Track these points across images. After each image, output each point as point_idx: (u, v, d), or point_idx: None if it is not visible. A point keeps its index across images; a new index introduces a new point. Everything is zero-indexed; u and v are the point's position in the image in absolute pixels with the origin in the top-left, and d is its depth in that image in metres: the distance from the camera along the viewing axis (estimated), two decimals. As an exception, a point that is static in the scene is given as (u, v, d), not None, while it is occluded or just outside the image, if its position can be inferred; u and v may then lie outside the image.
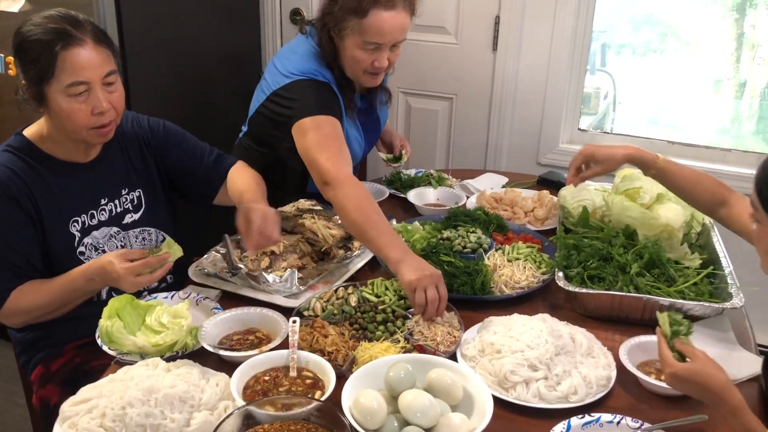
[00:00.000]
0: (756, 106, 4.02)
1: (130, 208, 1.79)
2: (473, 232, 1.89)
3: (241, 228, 1.68)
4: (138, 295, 1.59)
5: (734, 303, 1.54)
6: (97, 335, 1.46)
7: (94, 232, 1.71)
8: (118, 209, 1.77)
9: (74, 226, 1.68)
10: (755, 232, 1.25)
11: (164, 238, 1.83)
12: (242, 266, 1.74)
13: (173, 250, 1.59)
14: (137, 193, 1.81)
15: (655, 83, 4.20)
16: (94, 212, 1.72)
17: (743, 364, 1.45)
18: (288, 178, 2.25)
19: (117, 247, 1.75)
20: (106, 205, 1.74)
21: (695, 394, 1.24)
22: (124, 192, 1.78)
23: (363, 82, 2.06)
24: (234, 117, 2.45)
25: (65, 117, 1.56)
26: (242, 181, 1.87)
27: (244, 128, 2.27)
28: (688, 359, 1.24)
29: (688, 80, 4.14)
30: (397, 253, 1.59)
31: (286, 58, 2.08)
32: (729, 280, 1.62)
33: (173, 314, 1.51)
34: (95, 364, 1.59)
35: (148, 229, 1.83)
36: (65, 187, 1.67)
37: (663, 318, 1.31)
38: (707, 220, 1.91)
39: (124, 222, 1.78)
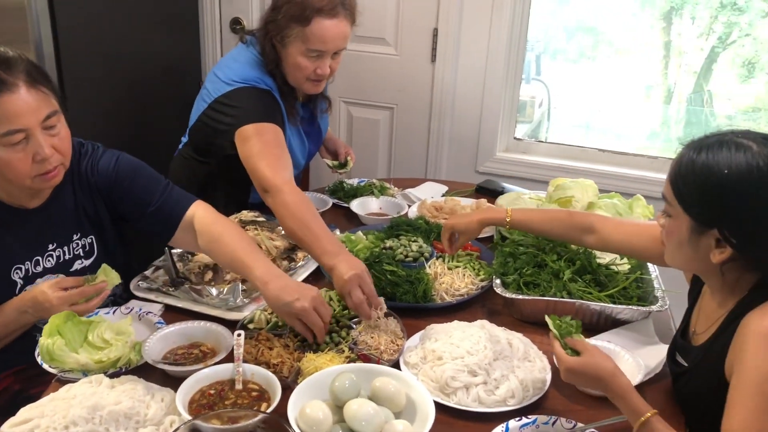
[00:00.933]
0: (683, 112, 4.21)
1: (81, 255, 1.69)
2: (415, 241, 1.94)
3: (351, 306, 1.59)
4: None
5: (660, 306, 1.64)
6: (36, 353, 1.44)
7: (38, 280, 1.62)
8: (67, 255, 1.66)
9: (17, 273, 1.59)
10: (667, 228, 1.31)
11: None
12: (185, 280, 1.74)
13: (110, 278, 1.54)
14: (89, 239, 1.70)
15: (588, 90, 4.36)
16: (40, 258, 1.62)
17: (659, 356, 1.55)
18: (230, 188, 2.26)
19: None
20: (54, 250, 1.64)
21: (589, 385, 1.35)
22: (75, 237, 1.68)
23: (305, 89, 2.10)
24: (173, 128, 2.44)
25: (4, 167, 1.45)
26: (240, 246, 1.59)
27: (184, 139, 2.27)
28: (581, 354, 1.31)
29: (619, 86, 4.30)
30: (329, 258, 1.64)
31: (227, 66, 2.10)
32: (655, 284, 1.72)
33: (116, 330, 1.50)
34: (34, 392, 1.53)
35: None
36: (9, 233, 1.57)
37: (551, 321, 1.38)
38: (635, 226, 2.01)
39: (73, 269, 1.68)
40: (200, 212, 1.68)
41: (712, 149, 1.21)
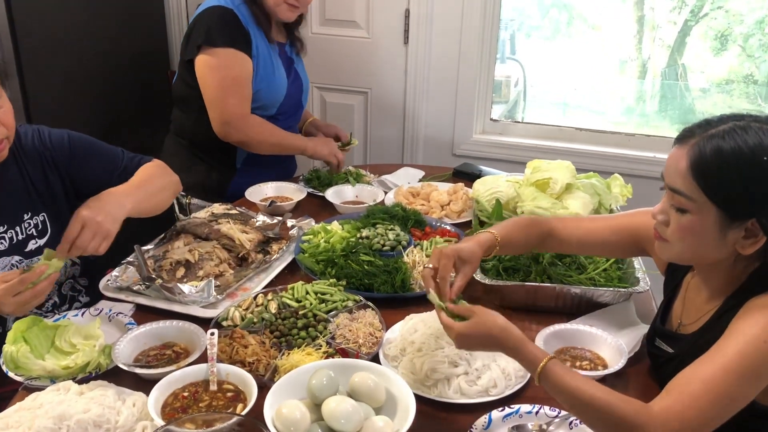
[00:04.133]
0: (658, 86, 4.20)
1: (34, 234, 1.66)
2: (392, 229, 1.90)
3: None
4: (44, 314, 1.51)
5: (641, 287, 1.62)
6: (0, 362, 1.39)
7: None
8: (20, 236, 1.64)
9: None
10: (680, 224, 1.20)
11: (74, 263, 1.74)
12: (156, 278, 1.69)
13: (52, 262, 1.47)
14: (41, 217, 1.68)
15: (563, 67, 4.33)
16: None
17: (640, 336, 1.53)
18: (217, 153, 2.31)
19: None
20: (5, 232, 1.61)
21: (483, 347, 1.28)
22: (26, 216, 1.65)
23: (280, 12, 2.13)
24: (143, 118, 2.37)
25: None
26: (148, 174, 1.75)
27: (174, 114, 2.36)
28: (469, 318, 1.27)
29: (594, 63, 4.28)
30: (307, 140, 2.30)
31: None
32: (636, 265, 1.70)
33: (84, 333, 1.45)
34: (2, 391, 1.50)
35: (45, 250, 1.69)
36: None
37: (432, 297, 1.33)
38: (614, 206, 1.99)
39: (27, 249, 1.65)
40: (146, 164, 1.77)
41: (734, 135, 1.12)
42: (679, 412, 1.09)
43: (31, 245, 1.66)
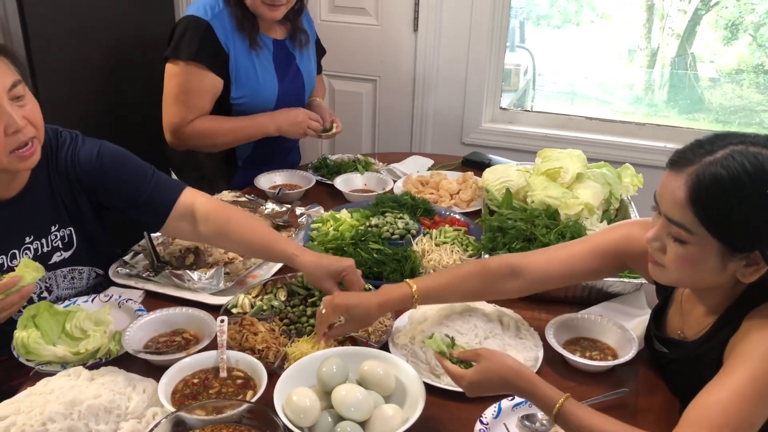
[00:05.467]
0: (667, 75, 4.17)
1: (60, 246, 1.61)
2: (401, 218, 1.90)
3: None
4: (55, 300, 1.51)
5: (651, 277, 1.61)
6: (12, 347, 1.39)
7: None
8: (45, 248, 1.59)
9: None
10: (679, 254, 1.15)
11: (96, 275, 1.71)
12: (165, 265, 1.69)
13: (27, 272, 1.36)
14: (68, 231, 1.62)
15: (572, 56, 4.30)
16: (16, 252, 1.54)
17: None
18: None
19: (41, 288, 1.60)
20: (31, 243, 1.56)
21: (497, 390, 1.22)
22: (53, 228, 1.59)
23: (261, 13, 2.08)
24: (150, 106, 2.36)
25: None
26: (255, 226, 1.64)
27: None
28: (474, 363, 1.23)
29: (603, 52, 4.25)
30: (268, 122, 2.15)
31: None
32: (646, 255, 1.68)
33: (94, 319, 1.45)
34: (15, 383, 1.47)
35: (78, 267, 1.66)
36: None
37: (431, 342, 1.29)
38: (624, 196, 1.97)
39: (52, 261, 1.60)
40: (200, 199, 1.63)
41: (733, 162, 1.06)
42: None
43: (56, 257, 1.62)
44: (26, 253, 1.56)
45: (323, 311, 1.41)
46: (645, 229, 1.29)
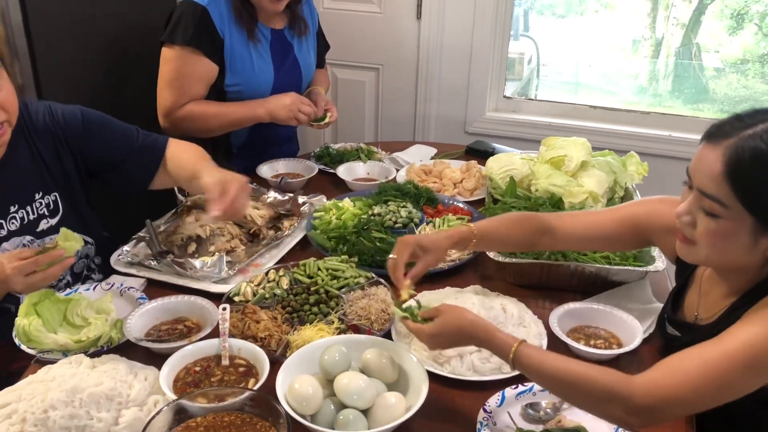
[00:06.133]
0: (672, 65, 4.14)
1: (46, 213, 1.63)
2: (404, 206, 1.89)
3: (212, 194, 1.54)
4: (56, 288, 1.51)
5: (657, 266, 1.59)
6: (13, 334, 1.38)
7: (4, 244, 1.56)
8: (32, 216, 1.61)
9: None
10: (711, 229, 1.12)
11: (85, 243, 1.70)
12: (167, 253, 1.68)
13: (69, 245, 1.43)
14: (53, 197, 1.64)
15: (576, 45, 4.27)
16: (3, 222, 1.56)
17: (655, 316, 1.51)
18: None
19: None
20: (16, 212, 1.58)
21: (456, 343, 1.26)
22: (37, 196, 1.62)
23: (263, 5, 2.06)
24: (152, 91, 2.35)
25: None
26: (186, 154, 1.74)
27: None
28: (436, 317, 1.25)
29: (608, 41, 4.22)
30: (258, 106, 2.08)
31: None
32: (651, 244, 1.67)
33: (96, 307, 1.45)
34: (16, 367, 1.49)
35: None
36: None
37: (396, 311, 1.31)
38: (630, 184, 1.96)
39: (39, 229, 1.62)
40: (173, 146, 1.76)
41: None
42: (667, 385, 1.07)
43: (43, 225, 1.63)
44: (13, 223, 1.58)
45: (393, 256, 1.40)
46: (670, 206, 1.28)
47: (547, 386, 1.18)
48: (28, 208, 1.61)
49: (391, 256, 1.41)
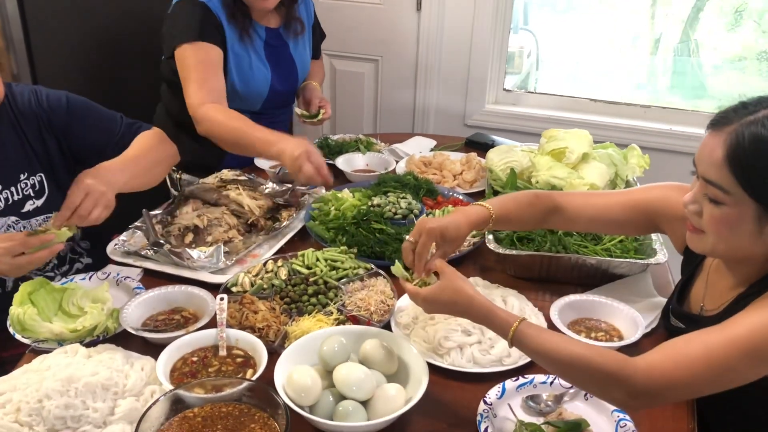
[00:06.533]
0: (670, 62, 4.13)
1: (31, 194, 1.62)
2: (403, 197, 1.87)
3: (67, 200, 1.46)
4: (43, 274, 1.48)
5: (658, 258, 1.58)
6: (7, 323, 1.37)
7: None
8: (17, 196, 1.60)
9: None
10: (716, 216, 1.12)
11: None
12: (164, 242, 1.66)
13: (61, 231, 1.43)
14: (38, 178, 1.63)
15: (576, 41, 4.26)
16: None
17: (658, 310, 1.50)
18: None
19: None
20: (0, 193, 1.57)
21: (450, 312, 1.24)
22: (22, 177, 1.61)
23: (252, 2, 2.01)
24: (148, 81, 2.33)
25: None
26: (133, 150, 1.66)
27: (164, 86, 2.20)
28: (439, 278, 1.23)
29: (607, 37, 4.21)
30: (271, 145, 1.75)
31: None
32: (653, 237, 1.66)
33: (92, 297, 1.43)
34: (6, 355, 1.48)
35: (52, 216, 1.63)
36: None
37: (398, 267, 1.31)
38: (631, 177, 1.94)
39: (24, 210, 1.61)
40: (143, 132, 1.70)
41: None
42: (668, 369, 1.06)
43: (29, 206, 1.62)
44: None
45: (411, 239, 1.32)
46: (683, 193, 1.26)
47: (548, 366, 1.16)
48: (13, 189, 1.59)
49: (409, 238, 1.34)
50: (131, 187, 1.60)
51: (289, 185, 1.99)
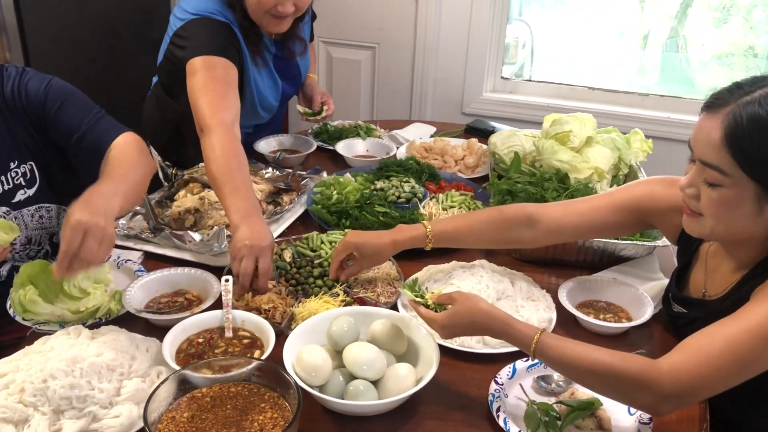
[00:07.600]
0: (658, 58, 4.14)
1: (23, 183, 1.54)
2: (407, 181, 1.85)
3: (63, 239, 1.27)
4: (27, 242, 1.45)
5: (664, 241, 1.57)
6: (8, 305, 1.34)
7: None
8: (7, 186, 1.51)
9: None
10: (714, 199, 1.11)
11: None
12: (165, 226, 1.64)
13: (3, 237, 1.34)
14: (29, 166, 1.54)
15: (567, 35, 4.25)
16: None
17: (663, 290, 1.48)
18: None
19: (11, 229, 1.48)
20: None
21: (470, 333, 1.24)
22: (12, 165, 1.52)
23: (266, 25, 1.93)
24: (143, 68, 2.29)
25: None
26: (112, 163, 1.49)
27: (155, 79, 2.13)
28: (449, 306, 1.22)
29: (596, 32, 4.20)
30: (238, 218, 1.45)
31: None
32: (657, 219, 1.65)
33: (94, 278, 1.40)
34: (5, 339, 1.43)
35: (46, 205, 1.58)
36: None
37: (406, 292, 1.28)
38: (634, 161, 1.93)
39: (16, 200, 1.53)
40: (120, 140, 1.54)
41: None
42: (693, 369, 1.05)
43: (20, 195, 1.54)
44: None
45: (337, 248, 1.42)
46: (668, 186, 1.27)
47: (572, 375, 1.15)
48: (3, 178, 1.52)
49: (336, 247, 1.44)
50: (123, 212, 1.49)
51: (290, 170, 1.96)
